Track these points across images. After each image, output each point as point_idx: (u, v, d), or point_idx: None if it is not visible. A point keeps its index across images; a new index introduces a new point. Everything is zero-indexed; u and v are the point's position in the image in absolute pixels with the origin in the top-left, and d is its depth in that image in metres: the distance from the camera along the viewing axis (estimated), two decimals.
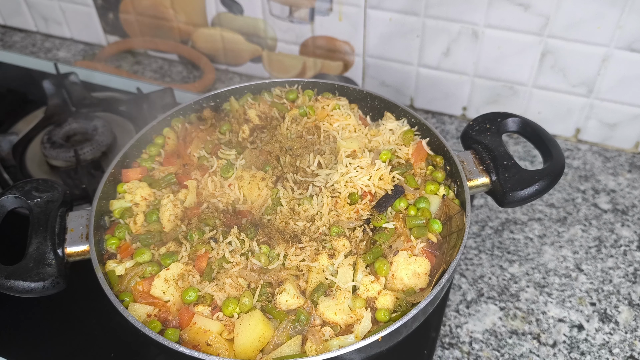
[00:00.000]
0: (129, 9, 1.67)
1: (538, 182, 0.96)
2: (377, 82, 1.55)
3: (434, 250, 0.91)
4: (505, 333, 1.07)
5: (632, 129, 1.38)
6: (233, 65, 1.69)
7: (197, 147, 1.06)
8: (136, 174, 1.03)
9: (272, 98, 1.16)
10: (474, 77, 1.43)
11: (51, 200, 0.93)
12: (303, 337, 0.82)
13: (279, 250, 0.89)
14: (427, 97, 1.53)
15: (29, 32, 1.90)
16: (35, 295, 0.85)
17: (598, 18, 1.22)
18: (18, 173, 1.30)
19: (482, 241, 1.23)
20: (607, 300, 1.12)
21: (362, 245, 0.91)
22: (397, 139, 1.06)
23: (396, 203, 0.95)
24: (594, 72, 1.31)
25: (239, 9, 1.53)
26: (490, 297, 1.13)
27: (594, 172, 1.38)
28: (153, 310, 0.85)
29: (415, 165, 1.03)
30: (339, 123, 1.08)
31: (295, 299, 0.84)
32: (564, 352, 1.05)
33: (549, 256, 1.20)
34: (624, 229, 1.25)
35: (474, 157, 1.02)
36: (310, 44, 1.53)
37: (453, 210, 0.95)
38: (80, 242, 0.91)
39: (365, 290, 0.86)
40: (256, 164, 1.02)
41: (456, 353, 1.05)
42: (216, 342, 0.81)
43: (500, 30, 1.32)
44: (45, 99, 1.46)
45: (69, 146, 1.31)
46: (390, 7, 1.37)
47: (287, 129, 1.08)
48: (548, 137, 1.02)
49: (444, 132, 1.50)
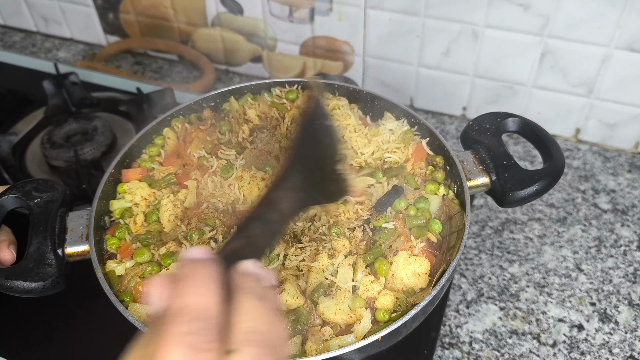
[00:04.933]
0: (129, 9, 1.67)
1: (538, 182, 0.96)
2: (377, 82, 1.55)
3: (434, 250, 0.91)
4: (505, 333, 1.07)
5: (632, 129, 1.38)
6: (233, 65, 1.69)
7: (197, 147, 1.06)
8: (136, 174, 1.03)
9: (272, 98, 1.16)
10: (474, 77, 1.43)
11: (51, 200, 0.93)
12: (303, 337, 0.82)
13: (279, 250, 0.89)
14: (427, 97, 1.53)
15: (29, 32, 1.90)
16: (35, 295, 0.85)
17: (598, 18, 1.22)
18: (18, 173, 1.30)
19: (482, 241, 1.23)
20: (607, 300, 1.12)
21: (362, 245, 0.91)
22: (396, 139, 1.06)
23: (396, 203, 0.95)
24: (594, 72, 1.31)
25: (239, 9, 1.53)
26: (490, 297, 1.13)
27: (593, 172, 1.38)
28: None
29: (415, 165, 1.03)
30: (339, 123, 1.08)
31: (295, 299, 0.84)
32: (564, 352, 1.05)
33: (549, 256, 1.20)
34: (624, 229, 1.25)
35: (474, 157, 1.02)
36: (310, 44, 1.53)
37: (453, 210, 0.95)
38: (81, 242, 0.91)
39: (365, 290, 0.86)
40: (256, 164, 1.02)
41: (456, 353, 1.05)
42: None
43: (500, 30, 1.32)
44: (45, 99, 1.46)
45: (69, 146, 1.31)
46: (390, 7, 1.37)
47: (287, 129, 1.08)
48: (548, 137, 1.02)
49: (444, 132, 1.50)
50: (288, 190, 0.67)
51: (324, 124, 0.77)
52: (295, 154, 0.72)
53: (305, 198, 0.70)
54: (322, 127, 0.77)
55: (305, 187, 0.69)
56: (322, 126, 0.77)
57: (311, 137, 0.75)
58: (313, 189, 0.71)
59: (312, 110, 0.77)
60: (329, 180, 0.76)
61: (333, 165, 0.76)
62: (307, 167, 0.71)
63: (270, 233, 0.63)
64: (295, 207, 0.68)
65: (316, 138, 0.76)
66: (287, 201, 0.66)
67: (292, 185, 0.68)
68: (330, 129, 0.77)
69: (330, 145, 0.76)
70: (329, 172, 0.76)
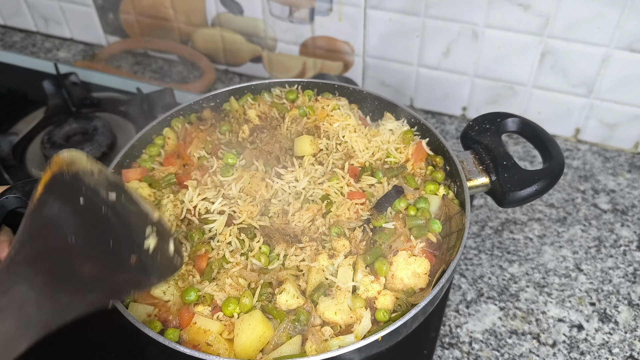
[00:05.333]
0: (129, 9, 1.67)
1: (538, 182, 0.96)
2: (377, 82, 1.55)
3: (434, 250, 0.92)
4: (505, 333, 1.08)
5: (632, 129, 1.38)
6: (233, 66, 1.69)
7: (197, 147, 1.06)
8: (136, 174, 1.04)
9: (272, 98, 1.16)
10: (474, 77, 1.43)
11: None
12: (303, 337, 0.82)
13: (279, 250, 0.89)
14: (427, 97, 1.53)
15: (29, 32, 1.90)
16: None
17: (598, 18, 1.22)
18: (18, 173, 1.30)
19: (482, 241, 1.23)
20: (606, 300, 1.13)
21: (362, 245, 0.91)
22: (396, 139, 1.06)
23: (396, 203, 0.96)
24: (594, 72, 1.31)
25: (239, 9, 1.53)
26: (490, 297, 1.13)
27: (593, 172, 1.38)
28: (153, 310, 0.85)
29: (415, 166, 1.03)
30: (339, 123, 1.08)
31: (295, 299, 0.84)
32: (564, 352, 1.05)
33: (549, 256, 1.20)
34: (623, 229, 1.25)
35: (474, 157, 1.02)
36: (310, 44, 1.53)
37: (453, 210, 0.95)
38: None
39: (365, 290, 0.86)
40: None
41: (456, 353, 1.05)
42: (216, 342, 0.81)
43: (500, 31, 1.32)
44: (45, 99, 1.46)
45: (69, 146, 1.31)
46: (390, 7, 1.37)
47: (287, 129, 1.08)
48: (548, 137, 1.02)
49: (444, 132, 1.50)
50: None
51: (84, 204, 0.61)
52: (16, 256, 0.56)
53: (49, 310, 0.53)
54: (78, 208, 0.61)
55: (40, 296, 0.52)
56: (80, 207, 0.61)
57: (52, 225, 0.60)
58: (65, 291, 0.55)
59: (53, 191, 0.62)
60: (113, 268, 0.61)
61: (118, 247, 0.62)
62: (51, 265, 0.56)
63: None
64: (17, 334, 0.51)
65: (67, 224, 0.60)
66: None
67: (7, 302, 0.50)
68: (100, 206, 0.62)
69: (106, 224, 0.62)
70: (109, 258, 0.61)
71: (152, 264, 0.67)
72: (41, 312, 0.54)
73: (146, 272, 0.67)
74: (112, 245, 0.63)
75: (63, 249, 0.60)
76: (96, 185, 0.67)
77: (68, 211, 0.62)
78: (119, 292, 0.68)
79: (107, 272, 0.63)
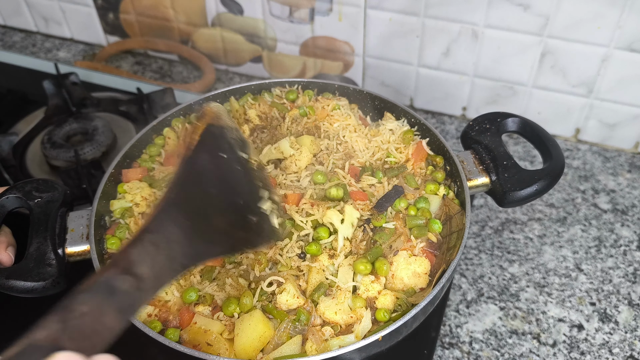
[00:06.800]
0: (129, 9, 1.67)
1: (538, 182, 0.96)
2: (377, 82, 1.55)
3: (434, 250, 0.92)
4: (505, 333, 1.08)
5: (632, 129, 1.38)
6: (233, 65, 1.69)
7: None
8: (136, 174, 1.04)
9: (272, 98, 1.16)
10: (474, 77, 1.43)
11: (51, 200, 0.93)
12: (303, 336, 0.82)
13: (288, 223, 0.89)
14: (427, 97, 1.53)
15: (29, 32, 1.90)
16: (35, 295, 0.85)
17: (598, 18, 1.22)
18: (18, 173, 1.30)
19: (482, 241, 1.23)
20: (607, 300, 1.13)
21: (362, 245, 0.91)
22: (396, 139, 1.06)
23: (396, 203, 0.96)
24: (594, 72, 1.31)
25: (239, 9, 1.53)
26: (490, 297, 1.13)
27: (593, 172, 1.38)
28: (153, 310, 0.85)
29: (415, 165, 1.03)
30: (339, 123, 1.08)
31: (295, 298, 0.84)
32: (564, 351, 1.05)
33: (549, 256, 1.20)
34: (623, 229, 1.25)
35: (474, 157, 1.02)
36: (310, 44, 1.53)
37: (453, 210, 0.95)
38: (81, 242, 0.91)
39: (365, 290, 0.86)
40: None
41: (456, 353, 1.05)
42: (216, 342, 0.81)
43: (500, 31, 1.32)
44: (45, 99, 1.46)
45: (69, 146, 1.31)
46: (390, 7, 1.37)
47: (287, 129, 1.08)
48: (548, 137, 1.02)
49: (444, 132, 1.50)
50: (152, 246, 0.53)
51: (226, 159, 0.64)
52: (171, 197, 0.58)
53: (188, 253, 0.56)
54: (221, 162, 0.63)
55: (184, 238, 0.55)
56: (223, 162, 0.64)
57: (201, 175, 0.62)
58: (201, 239, 0.57)
59: (206, 142, 0.64)
60: (238, 225, 0.63)
61: (245, 206, 0.64)
62: (193, 212, 0.58)
63: (114, 310, 0.47)
64: (165, 268, 0.53)
65: (211, 176, 0.63)
66: (149, 262, 0.51)
67: (161, 238, 0.53)
68: (235, 163, 0.65)
69: (239, 182, 0.64)
70: (237, 215, 0.63)
71: (266, 226, 0.68)
72: (182, 254, 0.56)
73: (261, 234, 0.68)
74: (242, 203, 0.65)
75: (205, 200, 0.62)
76: (234, 142, 0.69)
77: (214, 164, 0.64)
78: (236, 248, 0.70)
79: (233, 228, 0.65)
